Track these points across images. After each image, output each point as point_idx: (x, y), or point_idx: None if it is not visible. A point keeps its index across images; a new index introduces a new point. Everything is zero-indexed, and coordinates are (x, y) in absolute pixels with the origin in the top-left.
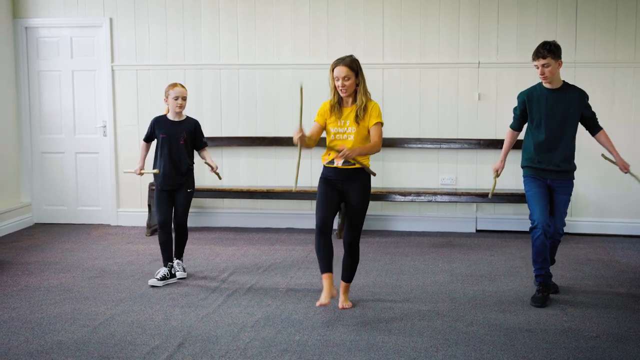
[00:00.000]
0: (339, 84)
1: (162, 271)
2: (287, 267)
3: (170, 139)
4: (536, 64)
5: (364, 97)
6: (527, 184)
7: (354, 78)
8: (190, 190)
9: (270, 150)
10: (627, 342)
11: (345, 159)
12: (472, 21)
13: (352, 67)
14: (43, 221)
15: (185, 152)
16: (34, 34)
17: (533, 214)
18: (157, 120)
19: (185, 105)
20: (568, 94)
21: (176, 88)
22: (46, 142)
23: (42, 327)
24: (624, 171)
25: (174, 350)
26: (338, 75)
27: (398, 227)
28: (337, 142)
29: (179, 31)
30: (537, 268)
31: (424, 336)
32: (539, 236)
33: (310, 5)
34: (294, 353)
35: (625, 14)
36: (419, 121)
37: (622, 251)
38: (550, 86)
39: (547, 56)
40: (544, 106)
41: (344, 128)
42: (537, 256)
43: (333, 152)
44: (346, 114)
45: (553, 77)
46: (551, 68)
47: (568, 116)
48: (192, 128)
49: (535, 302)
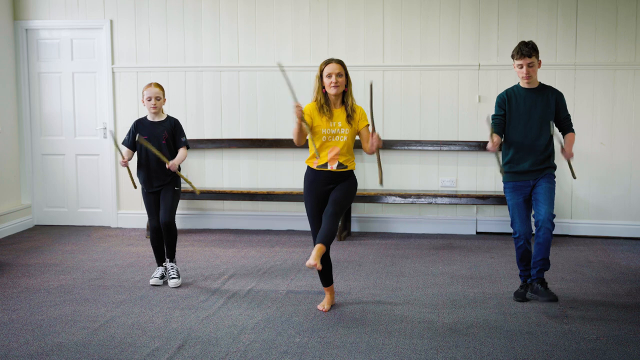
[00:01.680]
0: (332, 80)
1: (159, 270)
2: (288, 270)
3: (152, 139)
4: (520, 62)
5: (351, 99)
6: (508, 194)
7: (344, 76)
8: (177, 189)
9: (270, 152)
10: (628, 344)
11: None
12: (473, 23)
13: (343, 65)
14: (43, 223)
15: (167, 151)
16: (34, 35)
17: (514, 225)
18: (138, 122)
19: (160, 105)
20: (545, 94)
21: (149, 88)
22: (47, 144)
23: (42, 329)
24: (565, 157)
25: (174, 352)
26: (331, 71)
27: (398, 229)
28: (328, 143)
29: (180, 33)
30: (521, 269)
31: (424, 338)
32: (521, 245)
33: (311, 7)
34: (294, 355)
35: (625, 15)
36: (420, 123)
37: (622, 253)
38: (528, 86)
39: (532, 55)
40: (522, 106)
41: (336, 129)
42: (520, 260)
43: (324, 156)
44: (336, 115)
45: (534, 77)
46: (534, 68)
47: (546, 115)
48: (172, 127)
49: (517, 296)
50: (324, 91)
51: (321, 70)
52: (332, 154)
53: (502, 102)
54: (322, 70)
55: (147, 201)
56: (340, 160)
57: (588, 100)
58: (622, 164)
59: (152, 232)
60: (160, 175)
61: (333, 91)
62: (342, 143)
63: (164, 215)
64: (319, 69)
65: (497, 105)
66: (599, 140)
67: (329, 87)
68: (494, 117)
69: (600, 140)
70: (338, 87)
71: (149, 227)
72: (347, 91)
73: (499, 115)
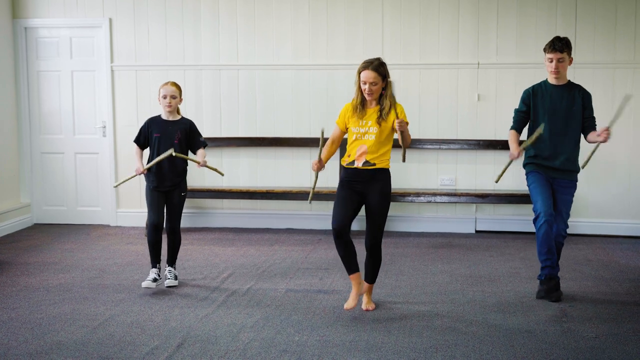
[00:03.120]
0: (366, 88)
1: (153, 273)
2: (287, 268)
3: (165, 138)
4: (551, 56)
5: (389, 101)
6: (530, 178)
7: (380, 82)
8: (184, 194)
9: (270, 151)
10: (627, 343)
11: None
12: (472, 22)
13: (379, 72)
14: (42, 221)
15: (180, 151)
16: (33, 34)
17: (536, 204)
18: (151, 120)
19: (175, 104)
20: (573, 92)
21: (165, 86)
22: (46, 142)
23: (42, 328)
24: (602, 137)
25: (173, 350)
26: (365, 79)
27: (397, 227)
28: (357, 142)
29: (179, 31)
30: (542, 260)
31: (423, 337)
32: (542, 225)
33: (310, 5)
34: (294, 353)
35: (624, 14)
36: (419, 122)
37: (621, 252)
38: (556, 82)
39: (564, 50)
40: (548, 101)
41: (365, 128)
42: (541, 246)
43: (353, 154)
44: (369, 115)
45: (563, 74)
46: (564, 64)
47: (572, 113)
48: (187, 128)
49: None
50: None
51: (359, 72)
52: (360, 152)
53: (527, 97)
54: (360, 73)
55: (152, 197)
56: (367, 158)
57: None
58: (622, 163)
59: (151, 230)
60: (173, 177)
61: (367, 98)
62: (371, 142)
63: (172, 220)
64: (358, 69)
65: (521, 101)
66: None
67: (364, 92)
68: (517, 112)
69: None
70: (372, 95)
71: (148, 225)
72: (384, 94)
73: (522, 112)
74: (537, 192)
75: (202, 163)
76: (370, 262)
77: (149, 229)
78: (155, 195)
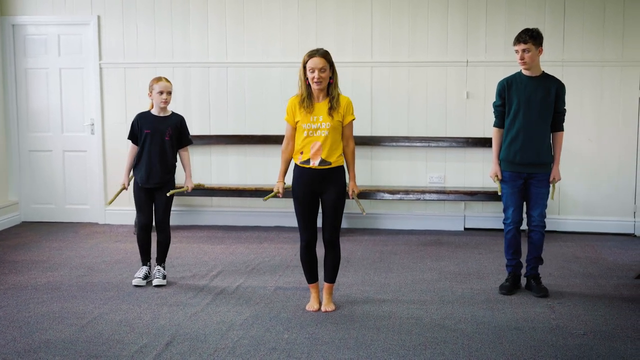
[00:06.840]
0: (315, 76)
1: (143, 270)
2: (276, 266)
3: (156, 134)
4: (517, 48)
5: (336, 90)
6: (505, 186)
7: (328, 70)
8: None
9: (258, 149)
10: (615, 339)
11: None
12: (461, 19)
13: (327, 59)
14: (31, 219)
15: (170, 148)
16: (21, 31)
17: (507, 211)
18: (141, 116)
19: (170, 100)
20: (547, 83)
21: (161, 82)
22: (34, 140)
23: (30, 326)
24: (549, 181)
25: (162, 348)
26: (314, 66)
27: (386, 225)
28: (310, 138)
29: (167, 29)
30: (508, 259)
31: (413, 334)
32: (510, 230)
33: (299, 3)
34: (283, 351)
35: (613, 13)
36: (408, 119)
37: (609, 249)
38: (529, 74)
39: (528, 41)
40: (522, 92)
41: (317, 124)
42: (508, 248)
43: (307, 151)
44: (318, 109)
45: (532, 64)
46: (531, 54)
47: (547, 104)
48: (178, 124)
49: (502, 289)
50: (307, 83)
51: (304, 62)
52: (314, 150)
53: (502, 89)
54: (306, 62)
55: (139, 197)
56: (322, 156)
57: (576, 97)
58: (610, 161)
59: (140, 230)
60: (161, 174)
61: (315, 87)
62: (324, 138)
63: (160, 215)
64: (302, 60)
65: (497, 94)
66: (587, 137)
67: (312, 82)
68: (495, 107)
69: (588, 136)
70: (321, 83)
71: (137, 224)
72: (333, 83)
73: (500, 106)
74: (509, 200)
75: (190, 189)
76: (329, 258)
77: (138, 229)
78: (142, 195)
